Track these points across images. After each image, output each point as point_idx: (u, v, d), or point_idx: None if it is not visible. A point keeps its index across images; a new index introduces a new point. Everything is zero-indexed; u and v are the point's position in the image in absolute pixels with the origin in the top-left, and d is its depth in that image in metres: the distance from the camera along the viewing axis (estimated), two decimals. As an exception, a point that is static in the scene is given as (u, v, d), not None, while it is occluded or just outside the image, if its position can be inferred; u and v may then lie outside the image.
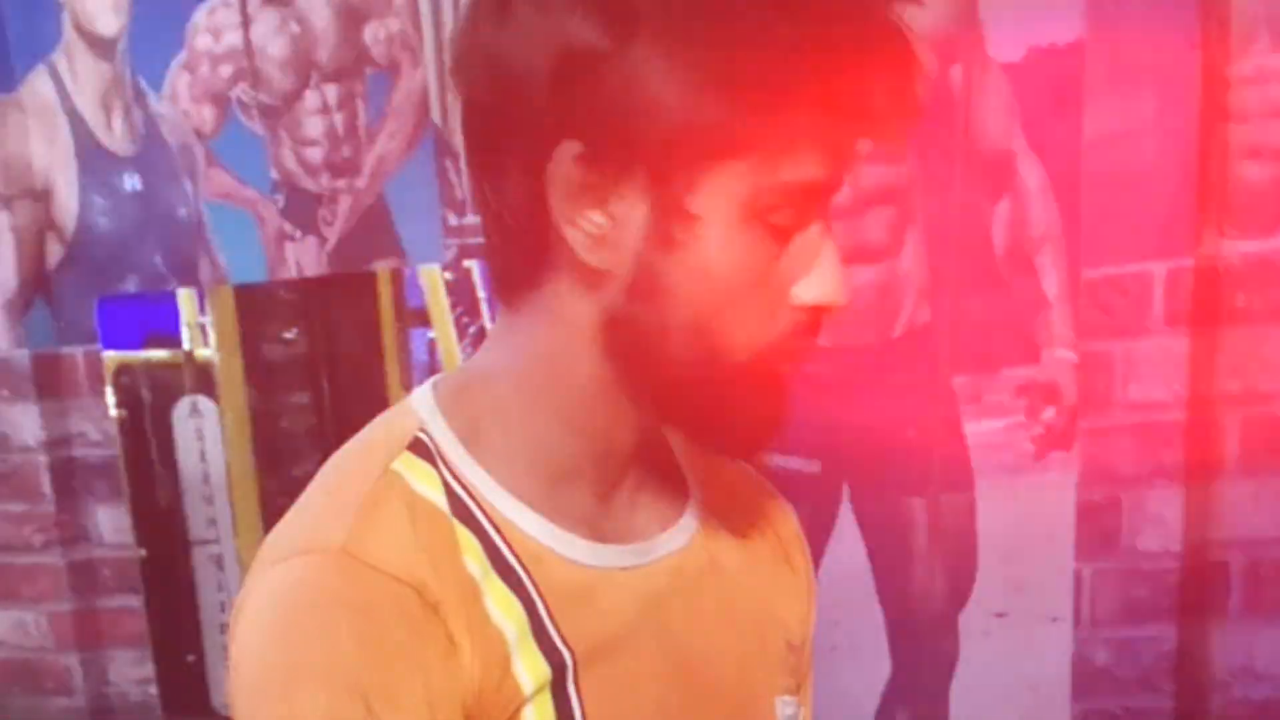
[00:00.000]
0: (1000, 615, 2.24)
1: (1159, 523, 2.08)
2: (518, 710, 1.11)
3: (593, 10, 1.01)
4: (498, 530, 1.13)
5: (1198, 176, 1.94)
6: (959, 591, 2.27)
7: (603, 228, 1.05)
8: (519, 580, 1.13)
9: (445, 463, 1.14)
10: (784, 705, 1.31)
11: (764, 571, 1.31)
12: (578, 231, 1.05)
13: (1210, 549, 2.10)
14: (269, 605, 1.08)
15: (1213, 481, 2.07)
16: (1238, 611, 2.11)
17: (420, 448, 1.14)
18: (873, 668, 2.35)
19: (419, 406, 1.17)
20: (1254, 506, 2.06)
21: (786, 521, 1.37)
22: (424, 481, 1.12)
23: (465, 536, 1.12)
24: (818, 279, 1.08)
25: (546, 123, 1.03)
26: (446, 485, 1.13)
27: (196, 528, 2.79)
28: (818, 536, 2.32)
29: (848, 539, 2.31)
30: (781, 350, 1.11)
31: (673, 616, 1.21)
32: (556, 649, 1.12)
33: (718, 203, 1.03)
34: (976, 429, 2.18)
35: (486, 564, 1.11)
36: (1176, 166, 1.94)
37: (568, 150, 1.03)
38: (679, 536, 1.22)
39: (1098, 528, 2.12)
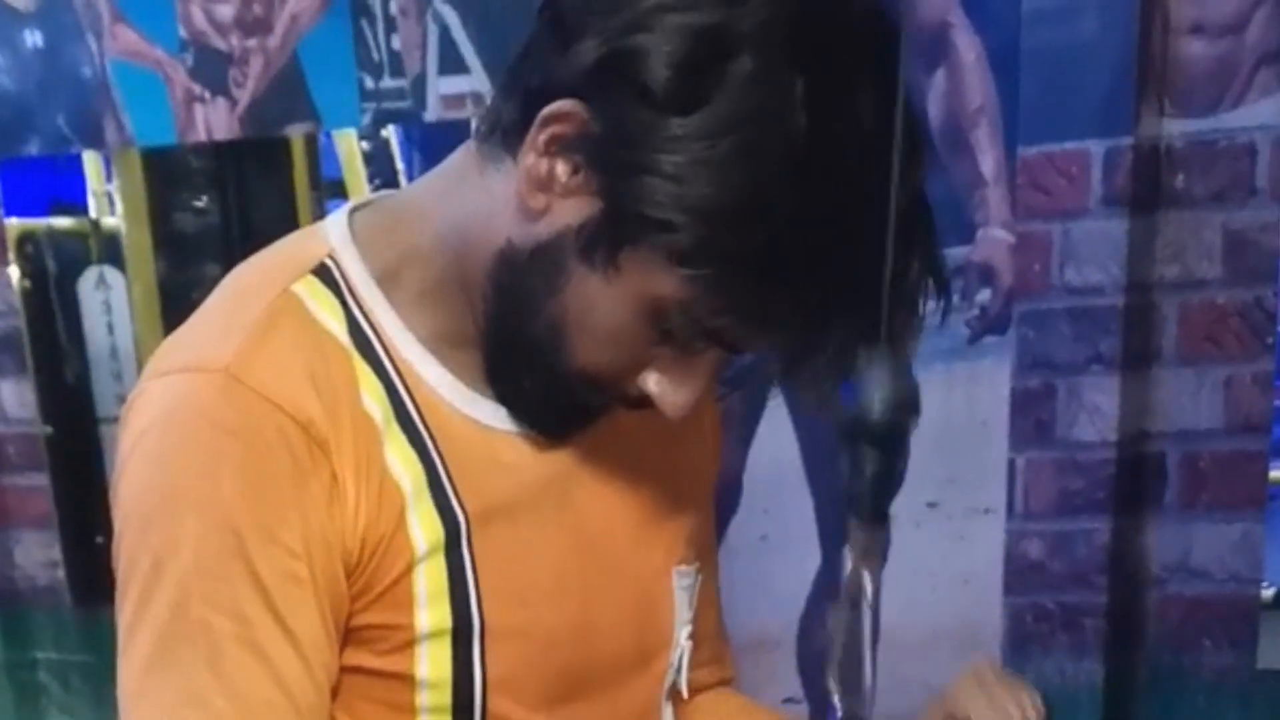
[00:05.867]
0: (932, 506, 2.29)
1: (1095, 412, 2.11)
2: (408, 569, 1.15)
3: (678, 56, 1.03)
4: (401, 376, 1.17)
5: (1138, 52, 1.96)
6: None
7: (551, 183, 1.10)
8: (419, 434, 1.17)
9: (354, 295, 1.17)
10: (681, 576, 1.37)
11: (672, 435, 1.34)
12: (534, 163, 1.10)
13: (1147, 440, 2.14)
14: (152, 423, 1.13)
15: (1150, 370, 2.11)
16: (1174, 505, 2.16)
17: (325, 274, 1.17)
18: (803, 558, 2.39)
19: (331, 233, 1.20)
20: (1191, 397, 2.10)
21: None
22: (324, 309, 1.15)
23: (366, 373, 1.15)
24: (668, 388, 1.17)
25: (583, 76, 1.07)
26: (350, 317, 1.16)
27: (104, 404, 2.81)
28: (746, 423, 2.36)
29: (777, 424, 2.35)
30: (603, 394, 1.19)
31: (576, 484, 1.26)
32: (452, 510, 1.17)
33: (639, 279, 1.09)
34: (909, 311, 2.21)
35: (389, 409, 1.15)
36: (1117, 41, 1.96)
37: (581, 109, 1.07)
38: None
39: (1032, 416, 2.16)
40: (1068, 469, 2.16)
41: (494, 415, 1.22)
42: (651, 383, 1.16)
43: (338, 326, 1.16)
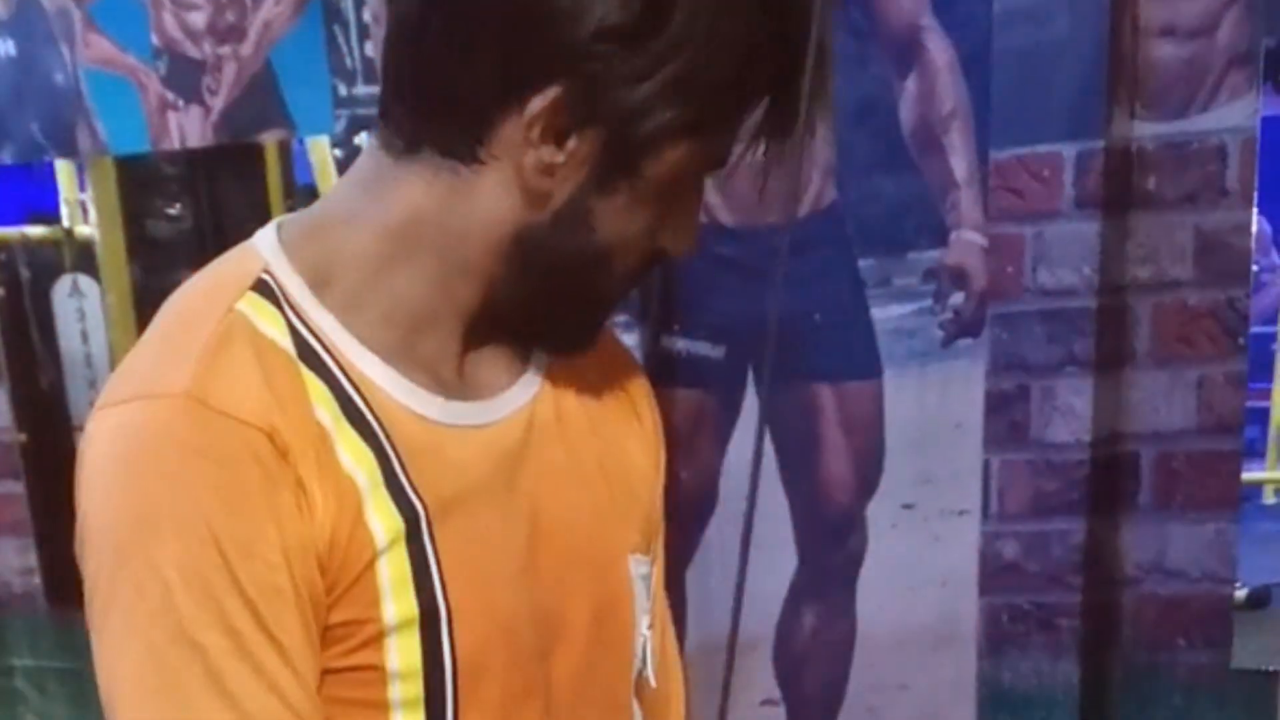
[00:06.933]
0: (908, 507, 2.29)
1: (1069, 413, 2.12)
2: (371, 562, 1.16)
3: None
4: (348, 377, 1.17)
5: (1109, 55, 1.96)
6: (866, 483, 2.31)
7: (554, 163, 1.14)
8: (371, 429, 1.17)
9: (291, 306, 1.17)
10: (637, 564, 1.37)
11: (612, 426, 1.37)
12: (535, 161, 1.13)
13: (1120, 441, 2.15)
14: (113, 452, 1.12)
15: (1123, 371, 2.12)
16: (1148, 506, 2.16)
17: (264, 288, 1.17)
18: (779, 561, 2.40)
19: (263, 248, 1.20)
20: (1165, 397, 2.11)
21: (633, 376, 1.44)
22: (270, 323, 1.16)
23: (313, 382, 1.16)
24: (681, 232, 1.22)
25: (546, 64, 1.10)
26: (292, 328, 1.16)
27: (79, 411, 2.81)
28: (722, 424, 2.37)
29: (753, 427, 2.35)
30: (627, 282, 1.26)
31: (525, 472, 1.27)
32: (409, 500, 1.17)
33: (666, 169, 1.15)
34: (883, 314, 2.23)
35: (337, 410, 1.16)
36: (1088, 44, 1.97)
37: (559, 92, 1.10)
38: (525, 390, 1.28)
39: (1006, 418, 2.17)
40: (1042, 470, 2.17)
41: (439, 410, 1.22)
42: (665, 240, 1.21)
43: (283, 340, 1.16)
